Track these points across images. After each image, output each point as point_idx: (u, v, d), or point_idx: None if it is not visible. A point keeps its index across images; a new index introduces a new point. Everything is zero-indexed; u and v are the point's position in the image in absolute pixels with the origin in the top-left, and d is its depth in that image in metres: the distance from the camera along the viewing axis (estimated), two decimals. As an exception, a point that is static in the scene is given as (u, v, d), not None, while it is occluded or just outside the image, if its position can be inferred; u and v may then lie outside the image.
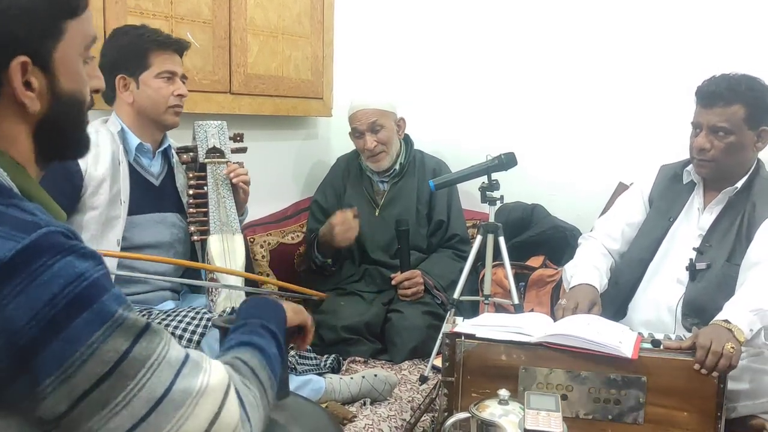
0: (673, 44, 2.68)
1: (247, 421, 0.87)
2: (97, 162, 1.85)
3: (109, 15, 2.10)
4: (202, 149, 2.11)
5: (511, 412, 1.33)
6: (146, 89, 1.95)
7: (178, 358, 0.83)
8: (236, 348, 0.98)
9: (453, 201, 2.80)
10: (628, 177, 2.69)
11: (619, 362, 1.60)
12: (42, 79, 0.85)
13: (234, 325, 1.06)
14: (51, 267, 0.75)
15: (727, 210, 2.00)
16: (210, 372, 0.84)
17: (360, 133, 2.70)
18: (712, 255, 1.97)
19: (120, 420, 0.78)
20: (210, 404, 0.82)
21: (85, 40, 0.90)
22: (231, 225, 2.07)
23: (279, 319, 1.11)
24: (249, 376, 0.93)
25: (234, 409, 0.85)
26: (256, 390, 0.92)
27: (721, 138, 1.94)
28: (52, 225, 0.78)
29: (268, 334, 1.03)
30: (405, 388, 2.18)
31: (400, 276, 2.60)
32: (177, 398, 0.80)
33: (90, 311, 0.77)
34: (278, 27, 2.77)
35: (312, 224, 2.83)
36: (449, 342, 1.68)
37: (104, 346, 0.77)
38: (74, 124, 0.91)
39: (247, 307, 1.13)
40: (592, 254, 2.14)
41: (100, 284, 0.79)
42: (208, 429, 0.82)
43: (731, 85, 1.93)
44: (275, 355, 1.01)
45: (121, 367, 0.77)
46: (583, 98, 2.86)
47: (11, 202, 0.80)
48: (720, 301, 1.80)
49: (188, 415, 0.81)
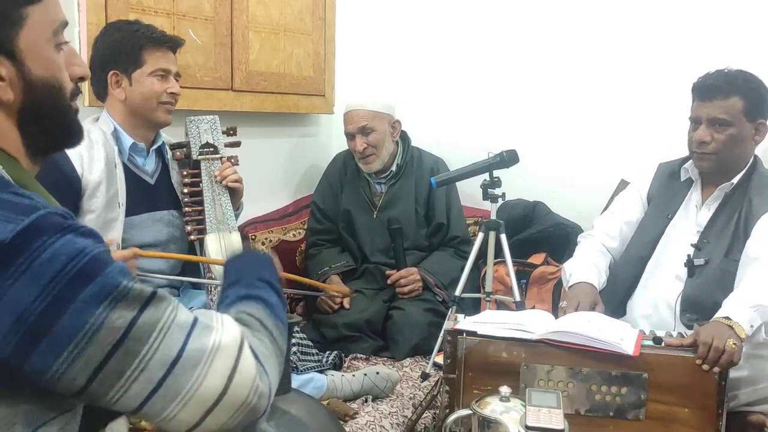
0: (674, 42, 2.68)
1: (264, 373, 0.86)
2: (92, 165, 1.84)
3: (111, 11, 2.10)
4: (195, 145, 2.08)
5: (512, 409, 1.33)
6: (139, 87, 1.91)
7: (187, 321, 0.83)
8: (238, 303, 0.97)
9: (452, 202, 2.78)
10: (629, 174, 2.68)
11: (620, 359, 1.60)
12: (10, 68, 0.84)
13: (227, 281, 1.05)
14: (52, 245, 0.76)
15: (725, 206, 2.01)
16: (222, 330, 0.84)
17: (351, 134, 2.70)
18: (710, 251, 1.97)
19: (139, 386, 0.78)
20: (226, 360, 0.82)
21: (52, 25, 0.89)
22: (227, 223, 2.05)
23: (270, 268, 1.10)
24: (258, 327, 0.92)
25: (250, 363, 0.84)
26: (267, 340, 0.92)
27: (721, 130, 1.95)
28: (49, 207, 0.79)
29: (265, 284, 1.03)
30: (406, 385, 2.19)
31: (395, 275, 2.60)
32: (192, 357, 0.80)
33: (94, 284, 0.77)
34: (280, 24, 2.77)
35: (312, 224, 2.83)
36: (451, 339, 1.68)
37: (112, 314, 0.77)
38: (56, 111, 0.90)
39: (236, 263, 1.11)
40: (591, 252, 2.14)
41: (101, 258, 0.79)
42: (227, 384, 0.81)
43: (728, 78, 1.95)
44: (277, 302, 1.00)
45: (131, 334, 0.78)
46: (585, 95, 2.86)
47: (8, 190, 0.80)
48: (719, 296, 1.81)
49: (205, 373, 0.80)
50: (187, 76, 2.36)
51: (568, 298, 1.97)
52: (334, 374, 2.07)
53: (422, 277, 2.61)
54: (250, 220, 2.70)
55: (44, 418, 0.79)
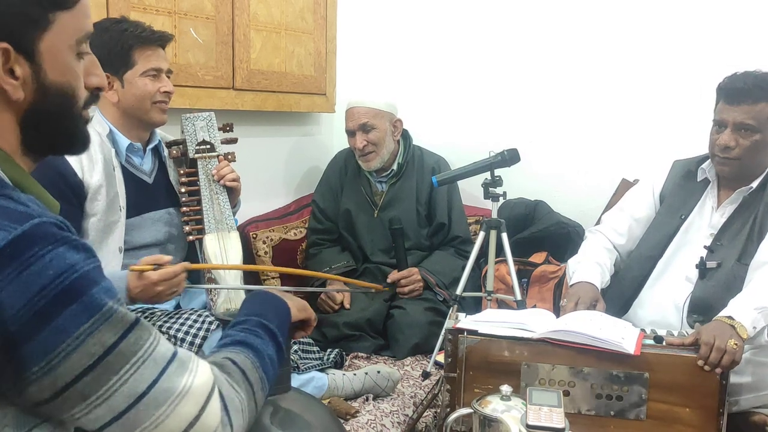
0: (676, 40, 2.68)
1: (229, 425, 0.87)
2: (92, 169, 1.81)
3: (113, 11, 2.09)
4: (191, 143, 2.06)
5: (513, 408, 1.33)
6: (131, 88, 1.88)
7: (165, 355, 0.83)
8: (230, 347, 0.97)
9: (454, 202, 2.78)
10: (631, 173, 2.69)
11: (621, 358, 1.60)
12: (26, 68, 0.84)
13: (234, 320, 1.05)
14: (42, 257, 0.76)
15: (741, 210, 1.98)
16: (196, 372, 0.85)
17: (351, 131, 2.70)
18: (723, 254, 1.95)
19: (100, 412, 0.79)
20: (191, 406, 0.83)
21: (77, 33, 0.89)
22: (226, 222, 2.04)
23: (281, 317, 1.10)
24: (238, 378, 0.92)
25: (215, 413, 0.85)
26: (243, 393, 0.92)
27: (747, 136, 1.90)
28: (44, 216, 0.79)
29: (267, 334, 1.03)
30: (407, 384, 2.19)
31: (396, 275, 2.59)
32: (159, 396, 0.81)
33: (79, 303, 0.77)
34: (281, 23, 2.77)
35: (312, 224, 2.83)
36: (452, 338, 1.68)
37: (90, 339, 0.77)
38: (64, 117, 0.90)
39: (251, 302, 1.12)
40: (596, 250, 2.13)
41: (90, 277, 0.79)
42: (187, 429, 0.82)
43: (758, 82, 1.89)
44: (271, 356, 1.00)
45: (105, 361, 0.78)
46: (586, 94, 2.86)
47: (4, 193, 0.80)
48: (727, 300, 1.79)
49: (168, 414, 0.81)
50: (188, 75, 2.36)
51: (569, 296, 1.96)
52: (336, 373, 2.07)
53: (423, 277, 2.61)
54: (251, 218, 2.70)
55: (34, 421, 0.79)
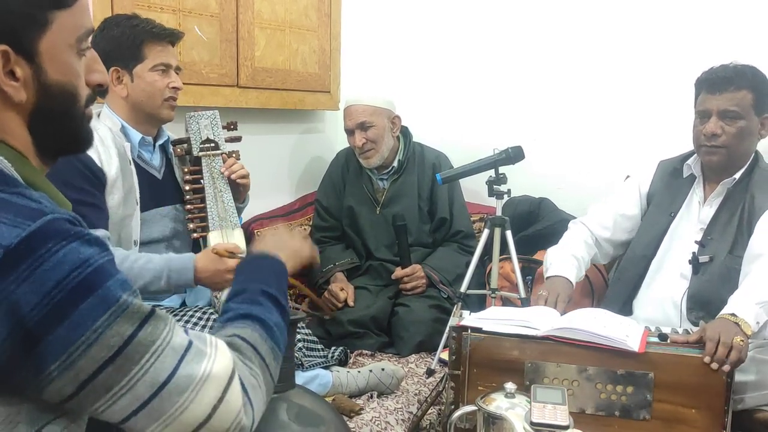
0: (680, 40, 2.66)
1: (249, 405, 0.87)
2: (109, 161, 1.82)
3: (117, 8, 2.10)
4: (196, 141, 2.07)
5: (517, 405, 1.33)
6: (141, 82, 1.90)
7: (181, 344, 0.83)
8: (235, 322, 0.97)
9: (455, 197, 2.78)
10: (635, 170, 2.67)
11: (626, 357, 1.60)
12: (27, 69, 0.84)
13: (233, 290, 1.04)
14: (56, 253, 0.76)
15: (727, 202, 2.00)
16: (214, 358, 0.85)
17: (350, 130, 2.70)
18: (714, 248, 1.97)
19: (124, 402, 0.79)
20: (214, 390, 0.83)
21: (77, 31, 0.88)
22: (230, 219, 2.05)
23: (279, 278, 1.09)
24: (250, 354, 0.92)
25: (237, 396, 0.85)
26: (258, 368, 0.92)
27: (732, 123, 1.94)
28: (57, 212, 0.79)
29: (269, 300, 1.02)
30: (412, 381, 2.19)
31: (400, 272, 2.60)
32: (181, 383, 0.81)
33: (95, 296, 0.77)
34: (285, 20, 2.77)
35: (316, 222, 2.84)
36: (456, 335, 1.68)
37: (109, 331, 0.77)
38: (68, 116, 0.90)
39: (246, 269, 1.10)
40: (576, 243, 2.15)
41: (105, 270, 0.79)
42: (210, 414, 0.83)
43: (738, 71, 1.95)
44: (277, 323, 1.00)
45: (125, 352, 0.78)
46: (590, 91, 2.85)
47: (16, 191, 0.80)
48: (724, 293, 1.80)
49: (191, 400, 0.82)
50: (193, 73, 2.37)
51: (547, 288, 1.98)
52: (340, 370, 2.07)
53: (427, 274, 2.60)
54: (255, 216, 2.70)
55: (48, 417, 0.80)
